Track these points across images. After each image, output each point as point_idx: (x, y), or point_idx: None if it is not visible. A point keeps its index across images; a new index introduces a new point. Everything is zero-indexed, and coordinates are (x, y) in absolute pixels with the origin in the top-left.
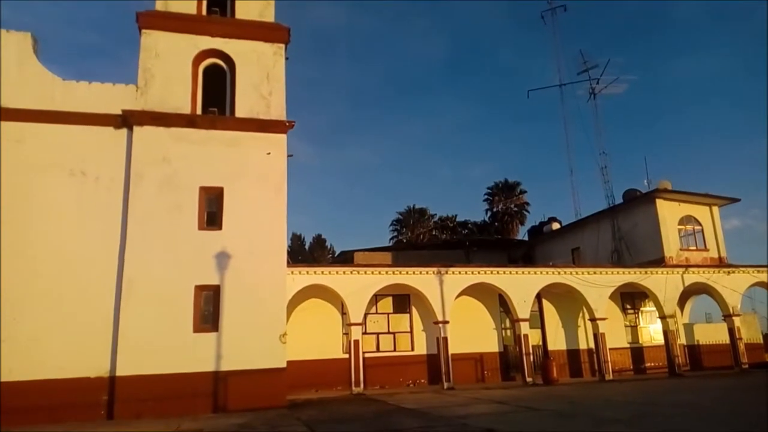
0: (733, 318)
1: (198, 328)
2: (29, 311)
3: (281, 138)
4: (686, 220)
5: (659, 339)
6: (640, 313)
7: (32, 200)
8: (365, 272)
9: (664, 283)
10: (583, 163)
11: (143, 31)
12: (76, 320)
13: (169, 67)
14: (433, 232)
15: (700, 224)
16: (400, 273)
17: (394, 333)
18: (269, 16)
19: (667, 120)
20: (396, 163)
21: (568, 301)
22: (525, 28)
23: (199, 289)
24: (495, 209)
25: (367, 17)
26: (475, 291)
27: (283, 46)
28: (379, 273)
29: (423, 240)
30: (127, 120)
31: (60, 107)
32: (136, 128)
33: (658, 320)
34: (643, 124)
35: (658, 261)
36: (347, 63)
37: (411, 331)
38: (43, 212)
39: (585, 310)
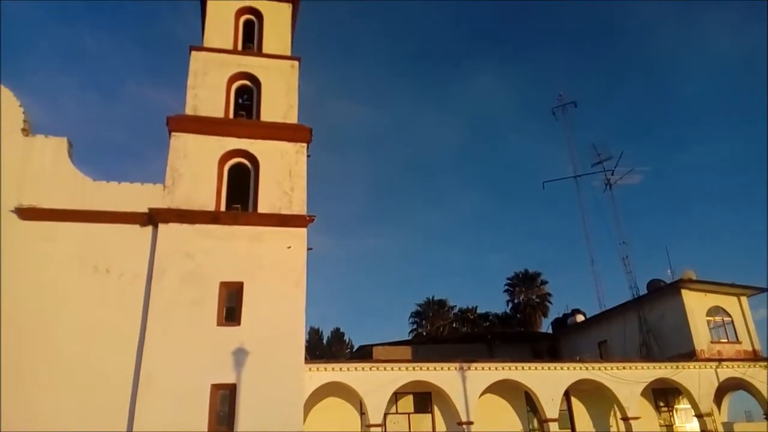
0: None
1: (213, 430)
2: (45, 404)
3: (302, 232)
4: (714, 311)
5: None
6: (674, 411)
7: (57, 295)
8: (384, 368)
9: (697, 379)
10: (603, 252)
11: (173, 133)
12: (92, 416)
13: (196, 166)
14: (454, 325)
15: (729, 315)
16: (421, 369)
17: None
18: (293, 118)
19: (687, 208)
20: (414, 252)
21: (598, 398)
22: (537, 119)
23: (216, 388)
24: (516, 300)
25: (383, 112)
26: (500, 388)
27: (305, 144)
28: (399, 369)
29: (443, 333)
30: (153, 218)
31: (90, 206)
32: (161, 225)
33: (695, 419)
34: (663, 212)
35: (689, 354)
36: (365, 154)
37: None
38: (67, 307)
39: (616, 408)
